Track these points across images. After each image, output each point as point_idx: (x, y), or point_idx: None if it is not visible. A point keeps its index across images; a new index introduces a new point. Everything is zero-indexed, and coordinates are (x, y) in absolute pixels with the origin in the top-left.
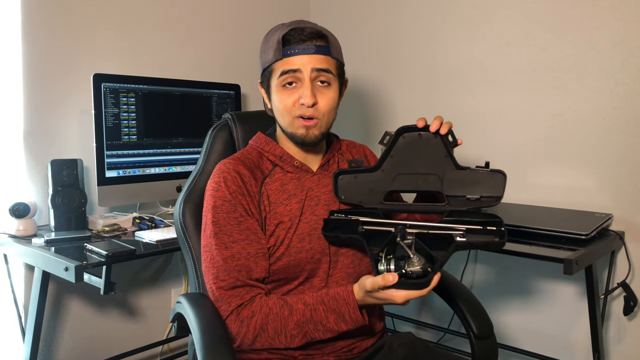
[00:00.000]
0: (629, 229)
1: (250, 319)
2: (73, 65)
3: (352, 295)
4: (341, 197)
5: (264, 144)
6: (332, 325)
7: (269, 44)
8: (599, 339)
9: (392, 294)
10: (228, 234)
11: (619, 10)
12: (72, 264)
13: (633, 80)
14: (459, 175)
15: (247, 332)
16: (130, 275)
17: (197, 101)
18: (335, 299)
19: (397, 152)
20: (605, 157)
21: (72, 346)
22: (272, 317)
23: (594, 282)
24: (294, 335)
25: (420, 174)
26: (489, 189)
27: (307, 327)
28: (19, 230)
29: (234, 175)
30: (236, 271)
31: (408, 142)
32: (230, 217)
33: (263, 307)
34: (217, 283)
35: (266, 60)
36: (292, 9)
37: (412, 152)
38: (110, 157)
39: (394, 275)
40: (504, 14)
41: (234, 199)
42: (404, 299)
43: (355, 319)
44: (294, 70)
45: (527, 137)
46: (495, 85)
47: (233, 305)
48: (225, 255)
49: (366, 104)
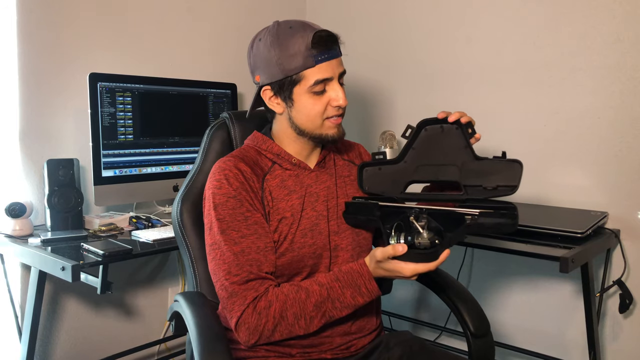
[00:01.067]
0: (625, 227)
1: (269, 309)
2: (69, 65)
3: (365, 267)
4: (365, 188)
5: (261, 142)
6: (349, 300)
7: (293, 50)
8: (594, 337)
9: (401, 265)
10: (236, 230)
11: (614, 9)
12: (68, 264)
13: (628, 79)
14: (477, 165)
15: (266, 322)
16: (127, 275)
17: (194, 100)
18: (349, 274)
19: (419, 144)
20: (600, 155)
21: (68, 346)
22: (290, 302)
23: (589, 280)
24: (313, 317)
25: (441, 165)
26: (505, 179)
27: (325, 306)
28: (15, 230)
29: (236, 172)
30: (248, 265)
31: (430, 135)
32: (236, 213)
33: (279, 295)
34: (229, 278)
35: (292, 68)
36: (288, 8)
37: (434, 144)
38: (106, 157)
39: (403, 245)
40: (499, 13)
41: (239, 194)
42: (412, 272)
43: (371, 289)
44: (328, 79)
45: (522, 136)
46: (491, 84)
47: (249, 298)
48: (236, 251)
49: (363, 104)
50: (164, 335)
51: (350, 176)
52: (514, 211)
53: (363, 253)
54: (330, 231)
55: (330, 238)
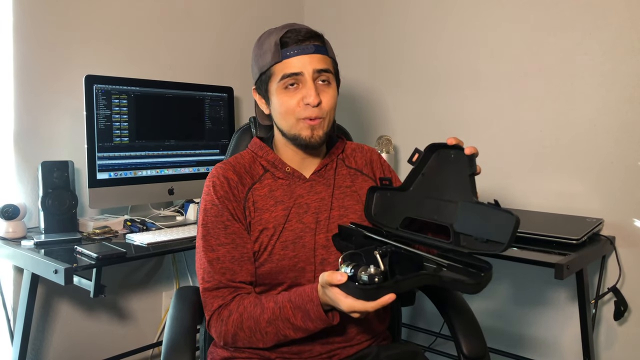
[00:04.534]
0: (620, 234)
1: (228, 318)
2: (64, 67)
3: (315, 292)
4: (372, 214)
5: (257, 148)
6: (299, 323)
7: (265, 47)
8: (589, 344)
9: (339, 296)
10: (215, 237)
11: (610, 17)
12: (61, 267)
13: (624, 87)
14: (473, 210)
15: (226, 330)
16: (120, 278)
17: (190, 103)
18: (301, 296)
19: (428, 170)
20: (596, 162)
21: (61, 349)
22: (246, 315)
23: (584, 287)
24: (268, 333)
25: (443, 201)
26: (496, 233)
27: (277, 324)
28: (8, 232)
29: (222, 180)
30: (220, 274)
31: (439, 161)
32: (217, 221)
33: (239, 306)
34: (202, 284)
35: (264, 64)
36: (285, 11)
37: (442, 172)
38: (101, 159)
39: (343, 274)
40: (496, 19)
41: (221, 203)
42: (348, 307)
43: (319, 316)
44: (295, 73)
45: (518, 142)
46: (487, 91)
47: (215, 305)
48: (211, 258)
49: (359, 108)
50: (158, 339)
51: (353, 187)
52: (483, 272)
53: None
54: (318, 245)
55: (317, 252)
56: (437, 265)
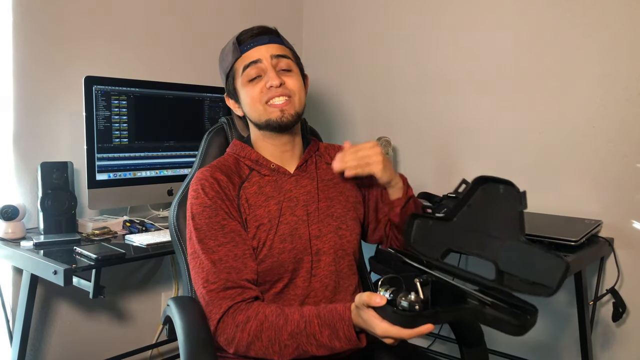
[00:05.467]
0: (618, 236)
1: (245, 324)
2: (64, 68)
3: (348, 311)
4: (411, 240)
5: (239, 149)
6: (325, 341)
7: (225, 51)
8: (588, 345)
9: (374, 320)
10: (213, 239)
11: (608, 19)
12: (61, 267)
13: (622, 89)
14: (521, 249)
15: (241, 337)
16: (120, 279)
17: (189, 105)
18: (331, 314)
19: (475, 202)
20: (595, 164)
21: (60, 350)
22: (267, 324)
23: (583, 288)
24: (287, 346)
25: (489, 236)
26: (544, 277)
27: (300, 339)
28: (8, 233)
29: (211, 182)
30: (225, 273)
31: (487, 194)
32: (212, 222)
33: (259, 314)
34: (207, 286)
35: (227, 65)
36: (285, 12)
37: (489, 205)
38: (101, 160)
39: (382, 297)
40: (495, 20)
41: (214, 204)
42: (382, 331)
43: (349, 337)
44: (254, 61)
45: (517, 144)
46: (486, 92)
47: (224, 307)
48: (213, 259)
49: (358, 109)
50: (157, 340)
51: (334, 179)
52: (528, 315)
53: (346, 257)
54: (311, 235)
55: (312, 242)
56: (479, 302)
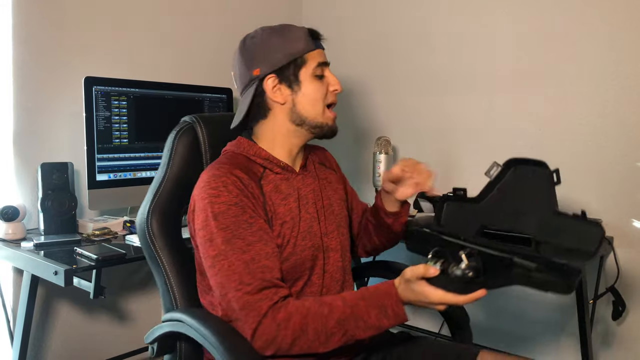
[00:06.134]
0: (618, 235)
1: (288, 322)
2: (64, 68)
3: (393, 288)
4: (442, 224)
5: (248, 148)
6: (373, 321)
7: (293, 36)
8: (588, 344)
9: (429, 289)
10: (242, 238)
11: (607, 18)
12: (61, 268)
13: (622, 88)
14: (555, 221)
15: (285, 335)
16: (120, 280)
17: (189, 105)
18: (376, 293)
19: (504, 185)
20: (594, 162)
21: (61, 351)
22: (311, 317)
23: (583, 287)
24: (334, 334)
25: (521, 213)
26: (582, 242)
27: (348, 324)
28: (8, 233)
29: (234, 179)
30: (260, 272)
31: (518, 176)
32: (239, 221)
33: (299, 308)
34: (242, 288)
35: (296, 51)
36: (284, 12)
37: (519, 186)
38: (101, 161)
39: (435, 268)
40: (494, 20)
41: (240, 201)
42: (439, 298)
43: (397, 312)
44: (326, 63)
45: (516, 142)
46: (485, 91)
47: (264, 308)
48: (246, 259)
49: (357, 109)
50: None
51: (328, 179)
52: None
53: (347, 253)
54: (322, 232)
55: (323, 239)
56: (525, 268)
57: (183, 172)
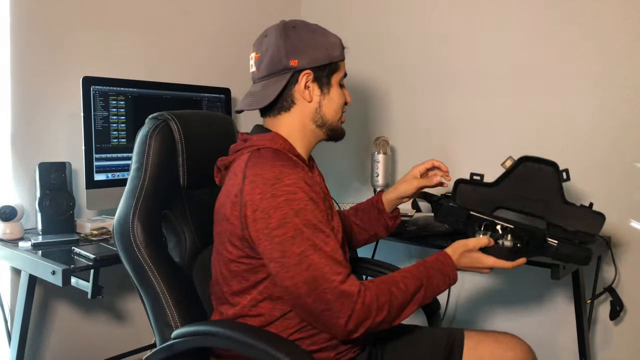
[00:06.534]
0: (616, 234)
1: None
2: (62, 68)
3: (449, 257)
4: (457, 201)
5: (283, 143)
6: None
7: (331, 40)
8: (585, 344)
9: (484, 257)
10: (322, 231)
11: (605, 18)
12: (59, 268)
13: (621, 87)
14: (563, 208)
15: (376, 315)
16: (118, 279)
17: (187, 105)
18: (436, 262)
19: (515, 175)
20: (592, 162)
21: (58, 351)
22: (394, 295)
23: (580, 287)
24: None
25: (530, 199)
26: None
27: (419, 294)
28: (6, 233)
29: (302, 175)
30: (344, 262)
31: (527, 170)
32: (317, 216)
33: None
34: (336, 279)
35: (334, 55)
36: (283, 13)
37: (529, 179)
38: (99, 160)
39: (491, 240)
40: (493, 20)
41: (312, 197)
42: (492, 264)
43: (453, 277)
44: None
45: (516, 142)
46: (484, 91)
47: (355, 294)
48: (328, 252)
49: (356, 109)
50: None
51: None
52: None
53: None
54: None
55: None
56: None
57: (160, 172)
